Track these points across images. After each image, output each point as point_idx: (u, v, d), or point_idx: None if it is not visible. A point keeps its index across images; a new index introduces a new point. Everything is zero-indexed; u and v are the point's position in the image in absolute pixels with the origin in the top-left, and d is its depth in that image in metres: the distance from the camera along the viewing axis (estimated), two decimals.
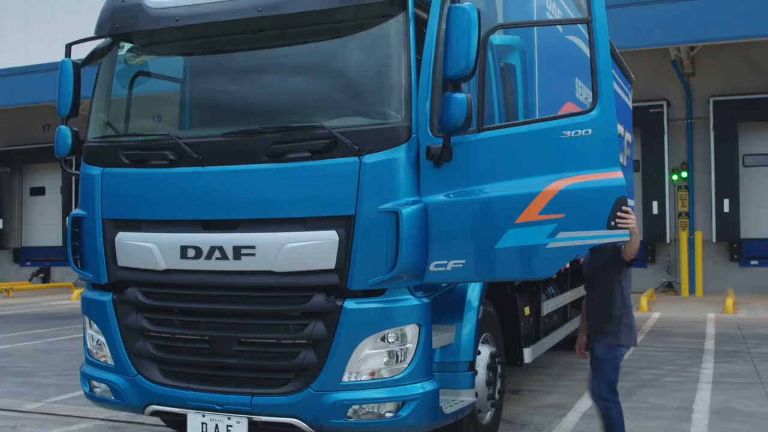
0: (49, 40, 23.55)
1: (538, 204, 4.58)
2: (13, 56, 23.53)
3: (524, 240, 4.59)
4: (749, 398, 7.28)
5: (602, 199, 4.55)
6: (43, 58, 22.27)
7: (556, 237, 4.58)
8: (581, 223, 4.59)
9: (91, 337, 5.42)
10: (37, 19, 24.54)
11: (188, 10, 5.02)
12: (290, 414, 4.69)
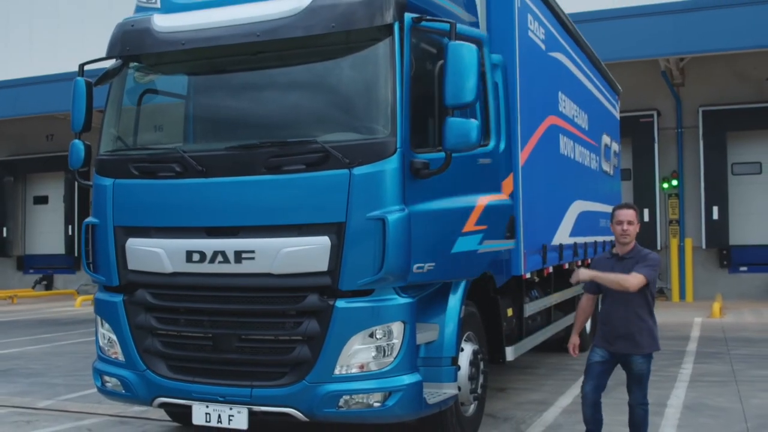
0: (52, 52, 24.10)
1: (474, 216, 5.62)
2: (18, 67, 24.01)
3: (467, 246, 5.54)
4: (722, 395, 7.71)
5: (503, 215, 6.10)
6: (47, 70, 22.75)
7: (483, 244, 5.70)
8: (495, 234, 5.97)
9: (102, 336, 5.88)
10: (42, 30, 25.03)
11: (193, 34, 5.49)
12: (287, 404, 5.14)
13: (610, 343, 5.49)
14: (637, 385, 5.57)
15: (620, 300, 5.40)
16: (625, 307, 5.40)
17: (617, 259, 5.54)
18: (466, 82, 4.97)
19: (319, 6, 5.16)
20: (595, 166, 11.00)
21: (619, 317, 5.42)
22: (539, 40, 7.89)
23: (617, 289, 5.31)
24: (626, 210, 5.57)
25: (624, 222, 5.47)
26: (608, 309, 5.54)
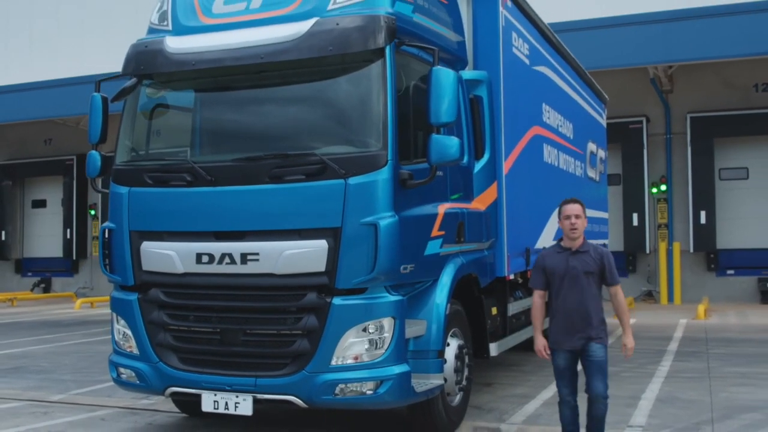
0: (52, 57, 24.69)
1: (438, 222, 6.20)
2: (18, 73, 24.57)
3: (433, 249, 6.13)
4: (694, 389, 8.32)
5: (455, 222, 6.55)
6: (46, 75, 23.33)
7: (443, 248, 6.27)
8: (449, 238, 6.45)
9: (118, 331, 6.47)
10: (41, 36, 25.61)
11: (202, 55, 6.10)
12: (288, 392, 5.75)
13: (568, 340, 5.60)
14: (598, 374, 5.59)
15: (576, 293, 5.57)
16: (580, 300, 5.57)
17: (570, 253, 5.67)
18: (446, 104, 5.59)
19: (318, 31, 5.78)
20: (580, 173, 11.62)
21: (576, 311, 5.56)
22: (523, 56, 8.51)
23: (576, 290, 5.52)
24: (573, 204, 5.75)
25: (572, 216, 5.65)
26: (563, 303, 5.64)
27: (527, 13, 8.80)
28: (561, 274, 5.65)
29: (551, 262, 5.75)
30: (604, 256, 5.73)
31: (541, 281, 5.81)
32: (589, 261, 5.65)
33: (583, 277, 5.59)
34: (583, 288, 5.59)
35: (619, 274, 17.26)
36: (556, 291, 5.71)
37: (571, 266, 5.63)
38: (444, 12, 7.00)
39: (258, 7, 6.17)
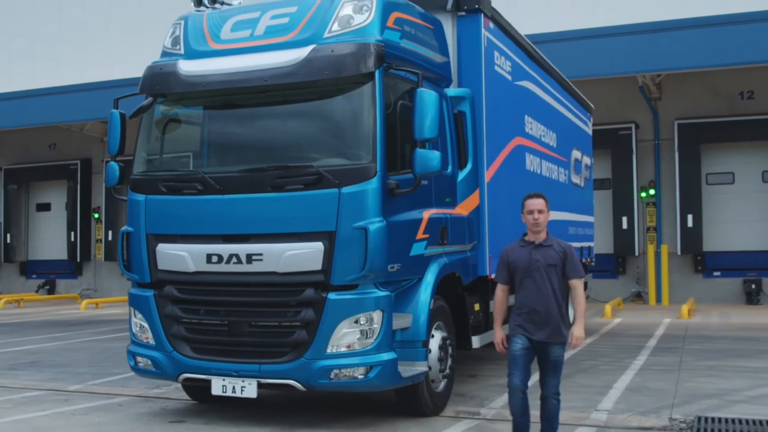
0: (56, 64, 25.51)
1: (423, 226, 6.97)
2: (21, 80, 25.39)
3: (418, 250, 6.88)
4: (663, 380, 9.11)
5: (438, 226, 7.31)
6: (49, 82, 24.12)
7: (427, 249, 7.03)
8: (434, 241, 7.21)
9: (135, 324, 7.28)
10: (44, 42, 26.42)
11: (212, 78, 6.92)
12: (288, 377, 6.55)
13: (531, 332, 5.77)
14: (553, 373, 5.81)
15: (543, 289, 5.77)
16: (547, 296, 5.76)
17: (534, 246, 5.88)
18: (429, 122, 6.40)
19: (315, 57, 6.59)
20: (564, 179, 12.42)
21: (542, 306, 5.75)
22: (505, 73, 9.32)
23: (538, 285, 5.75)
24: (536, 199, 5.95)
25: (535, 211, 5.87)
26: (528, 297, 5.80)
27: (509, 33, 9.60)
28: (524, 267, 5.83)
29: (515, 256, 5.95)
30: (566, 249, 5.93)
31: (504, 275, 6.01)
32: (552, 254, 5.84)
33: (546, 270, 5.77)
34: (545, 281, 5.77)
35: (609, 275, 18.27)
36: (519, 284, 5.89)
37: (534, 259, 5.83)
38: (430, 36, 7.81)
39: (262, 34, 6.99)
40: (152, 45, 23.20)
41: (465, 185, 8.09)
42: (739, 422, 6.86)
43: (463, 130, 8.11)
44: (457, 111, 8.09)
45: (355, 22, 6.75)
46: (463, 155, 8.11)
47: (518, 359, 5.79)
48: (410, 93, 6.73)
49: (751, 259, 19.78)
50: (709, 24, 17.73)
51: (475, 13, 8.40)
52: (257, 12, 7.16)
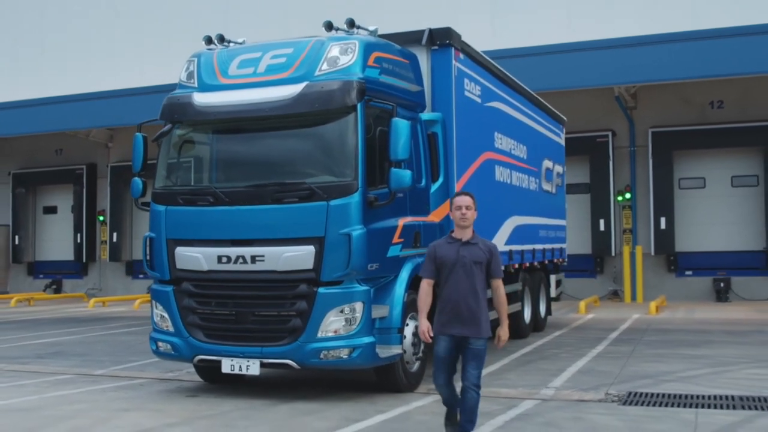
0: (62, 73, 26.91)
1: (398, 232, 8.34)
2: (27, 88, 26.75)
3: (394, 252, 8.22)
4: (611, 365, 10.53)
5: (412, 231, 8.65)
6: (55, 91, 25.51)
7: (402, 251, 8.35)
8: (408, 244, 8.51)
9: (156, 314, 8.71)
10: (51, 52, 27.82)
11: (221, 108, 8.37)
12: (286, 357, 7.99)
13: (453, 328, 6.05)
14: (474, 362, 6.03)
15: (467, 284, 6.05)
16: (469, 293, 6.06)
17: (461, 244, 6.15)
18: (401, 146, 7.83)
19: (307, 92, 8.04)
20: (535, 187, 13.87)
21: (465, 301, 6.05)
22: (475, 96, 10.76)
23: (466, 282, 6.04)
24: (463, 197, 6.27)
25: (462, 207, 6.18)
26: (453, 292, 6.07)
27: (480, 61, 11.05)
28: (451, 263, 6.10)
29: (442, 252, 6.20)
30: (492, 249, 6.29)
31: (430, 270, 6.26)
32: (479, 252, 6.15)
33: (472, 267, 6.07)
34: (470, 277, 6.07)
35: (588, 275, 20.02)
36: (445, 279, 6.14)
37: (461, 255, 6.11)
38: (406, 69, 9.26)
39: (263, 71, 8.44)
40: (154, 55, 24.82)
41: (437, 196, 9.51)
42: (661, 396, 8.29)
43: (435, 149, 9.54)
44: (431, 132, 9.51)
45: (341, 62, 8.20)
46: (435, 170, 9.53)
47: (443, 360, 6.12)
48: (387, 120, 8.16)
49: (720, 259, 21.27)
50: (681, 39, 19.21)
51: (447, 47, 9.84)
52: (259, 52, 8.61)
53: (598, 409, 7.73)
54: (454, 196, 6.47)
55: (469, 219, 6.20)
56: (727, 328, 14.71)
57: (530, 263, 13.42)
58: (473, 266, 6.11)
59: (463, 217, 6.18)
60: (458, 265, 6.11)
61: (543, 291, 14.75)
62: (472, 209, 6.24)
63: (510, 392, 8.58)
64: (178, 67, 9.12)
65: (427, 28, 9.88)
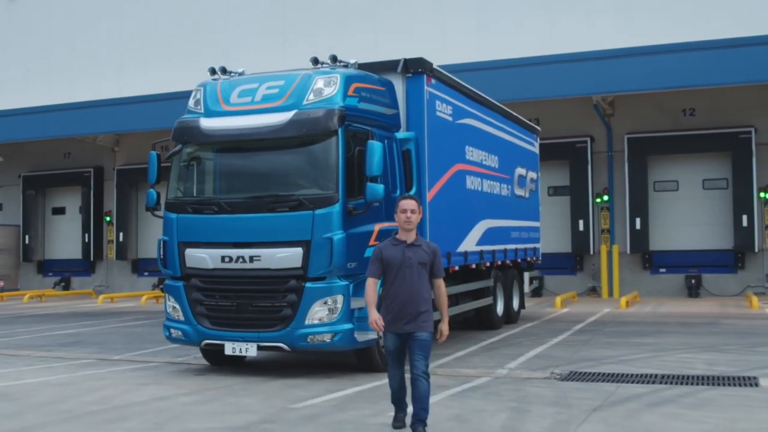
0: (70, 82, 28.57)
1: (374, 235, 9.84)
2: (37, 95, 28.42)
3: (371, 253, 9.47)
4: (565, 350, 12.17)
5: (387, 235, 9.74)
6: (65, 98, 27.21)
7: None
8: None
9: (169, 306, 10.39)
10: (59, 62, 29.49)
11: (224, 131, 10.03)
12: (279, 341, 9.66)
13: (399, 325, 6.53)
14: (420, 352, 6.48)
15: (410, 285, 6.51)
16: (412, 290, 6.53)
17: (407, 245, 6.60)
18: (376, 164, 9.47)
19: (296, 119, 9.69)
20: (507, 193, 15.52)
21: (408, 296, 6.50)
22: (447, 115, 12.39)
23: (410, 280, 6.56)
24: (408, 200, 6.72)
25: (407, 210, 6.64)
26: (397, 292, 6.54)
27: (452, 84, 12.68)
28: (397, 264, 6.55)
29: (388, 254, 6.64)
30: (435, 250, 6.78)
31: (377, 270, 6.74)
32: (423, 253, 6.61)
33: (417, 267, 6.55)
34: (415, 277, 6.54)
35: (568, 272, 22.08)
36: (391, 279, 6.60)
37: (407, 257, 6.56)
38: (383, 95, 10.91)
39: (259, 100, 10.09)
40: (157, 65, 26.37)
41: None
42: (596, 374, 9.92)
43: (409, 163, 11.18)
44: (405, 149, 11.15)
45: (325, 93, 9.86)
46: (409, 182, 11.17)
47: (393, 353, 6.70)
48: (365, 141, 9.80)
49: (692, 258, 22.94)
50: (655, 52, 20.85)
51: (419, 75, 11.47)
52: (256, 83, 10.27)
53: (539, 383, 9.38)
54: (398, 200, 6.88)
55: (413, 222, 6.68)
56: (684, 321, 16.34)
57: (502, 262, 15.07)
58: (418, 267, 6.60)
59: (408, 221, 6.65)
60: (404, 266, 6.58)
61: (516, 287, 16.41)
62: (417, 212, 6.73)
63: (469, 372, 10.24)
64: (180, 77, 10.89)
65: (402, 58, 11.51)
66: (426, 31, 24.30)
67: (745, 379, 9.37)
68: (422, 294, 6.64)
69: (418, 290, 6.61)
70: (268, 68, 21.03)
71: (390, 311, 6.64)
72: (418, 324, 6.57)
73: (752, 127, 22.30)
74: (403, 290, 6.60)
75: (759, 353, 11.57)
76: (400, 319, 6.59)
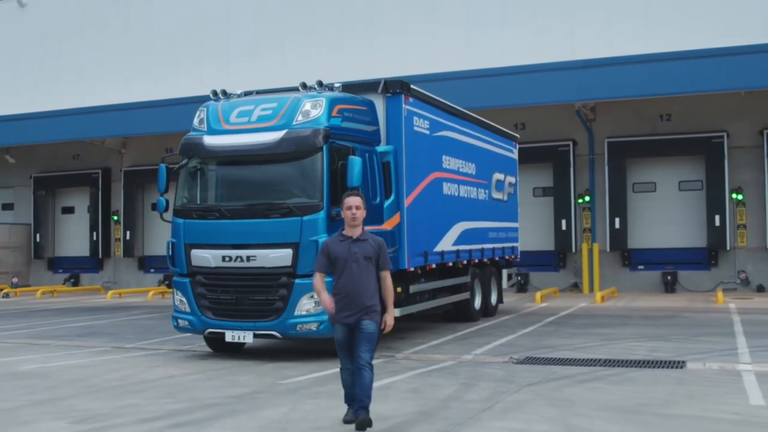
0: (79, 87, 30.21)
1: None
2: (47, 100, 30.08)
3: None
4: (529, 340, 13.77)
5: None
6: (73, 103, 28.82)
7: None
8: None
9: (176, 299, 12.05)
10: (69, 67, 31.14)
11: (225, 148, 11.68)
12: (272, 330, 11.32)
13: (349, 319, 6.92)
14: (365, 344, 6.83)
15: (357, 279, 6.87)
16: (358, 284, 6.88)
17: (352, 241, 6.90)
18: (356, 176, 11.07)
19: (287, 137, 11.33)
20: (484, 197, 17.14)
21: (358, 291, 6.85)
22: (424, 129, 14.01)
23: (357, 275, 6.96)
24: (354, 197, 7.01)
25: (353, 207, 6.95)
26: (347, 284, 6.89)
27: (430, 101, 14.30)
28: (344, 258, 6.92)
29: (335, 249, 7.00)
30: (380, 244, 7.12)
31: (323, 265, 7.15)
32: (368, 248, 6.94)
33: (363, 261, 6.91)
34: (361, 270, 6.88)
35: (552, 269, 24.19)
36: (339, 273, 6.97)
37: (352, 252, 6.91)
38: (364, 114, 12.54)
39: (255, 120, 11.72)
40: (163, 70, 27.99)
41: (390, 210, 12.79)
42: (548, 359, 11.53)
43: (389, 173, 12.81)
44: (385, 161, 12.78)
45: (312, 115, 11.49)
46: (389, 190, 12.80)
47: (343, 344, 7.09)
48: (346, 156, 11.40)
49: (668, 255, 24.56)
50: (633, 62, 22.38)
51: (398, 95, 13.09)
52: (252, 105, 11.91)
53: (495, 366, 11.00)
54: (344, 197, 7.25)
55: (358, 218, 7.01)
56: (648, 314, 17.95)
57: (479, 260, 16.69)
58: (364, 261, 6.97)
59: (354, 217, 7.01)
60: (351, 260, 6.95)
61: (494, 283, 18.03)
62: (362, 209, 7.07)
63: (438, 357, 11.87)
64: (183, 83, 12.49)
65: (383, 79, 13.15)
66: (418, 41, 25.84)
67: (674, 362, 10.98)
68: (368, 288, 7.02)
69: (364, 284, 6.99)
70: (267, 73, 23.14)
71: (338, 304, 7.05)
72: (363, 316, 6.96)
73: (725, 132, 23.86)
74: (350, 284, 6.98)
75: (700, 342, 13.17)
76: (347, 311, 6.98)
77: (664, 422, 7.34)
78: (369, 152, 12.24)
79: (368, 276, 7.05)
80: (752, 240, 23.96)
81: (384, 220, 12.66)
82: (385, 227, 12.64)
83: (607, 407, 7.99)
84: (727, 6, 23.36)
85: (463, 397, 8.67)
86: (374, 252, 7.08)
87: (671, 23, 23.69)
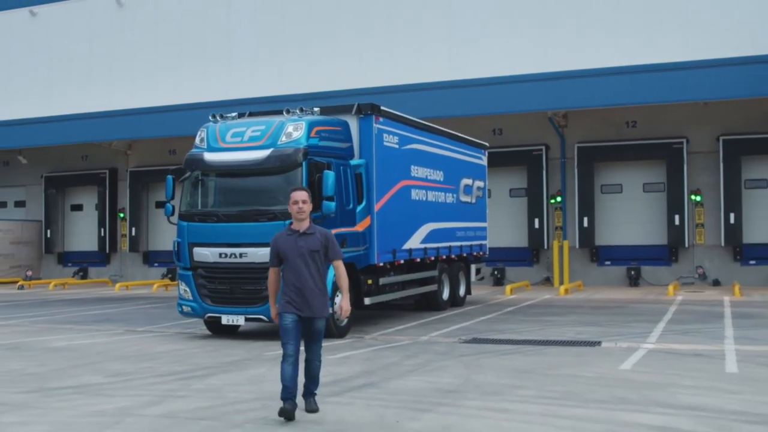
0: (86, 91, 32.86)
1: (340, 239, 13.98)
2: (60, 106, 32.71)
3: None
4: (483, 325, 16.39)
5: (341, 238, 14.20)
6: (82, 108, 31.47)
7: None
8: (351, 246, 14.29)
9: (181, 289, 14.76)
10: (78, 73, 33.78)
11: (222, 163, 14.38)
12: (260, 314, 13.99)
13: (300, 309, 7.15)
14: (316, 340, 7.31)
15: (304, 272, 7.07)
16: (308, 278, 7.15)
17: (299, 235, 7.05)
18: (329, 187, 13.72)
19: (273, 155, 14.00)
20: (452, 201, 19.79)
21: (306, 285, 7.09)
22: (393, 144, 16.67)
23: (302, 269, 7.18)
24: (299, 192, 7.25)
25: (299, 201, 7.16)
26: (294, 278, 7.05)
27: (399, 119, 16.95)
28: (290, 253, 7.13)
29: (283, 244, 7.17)
30: (328, 236, 7.37)
31: (275, 260, 7.34)
32: (314, 241, 7.13)
33: (310, 255, 7.11)
34: (308, 264, 7.08)
35: (525, 264, 27.55)
36: (287, 267, 7.16)
37: (299, 246, 7.10)
38: (339, 133, 15.21)
39: (247, 140, 14.40)
40: (167, 77, 30.58)
41: (362, 214, 15.45)
42: (490, 339, 14.18)
43: (361, 183, 15.47)
44: (357, 172, 15.44)
45: (293, 136, 14.16)
46: (361, 197, 15.47)
47: (290, 331, 7.21)
48: (322, 170, 14.05)
49: (633, 252, 27.22)
50: (602, 74, 24.89)
51: (369, 116, 15.74)
52: (244, 127, 14.59)
53: (443, 345, 13.62)
54: (290, 191, 7.54)
55: (305, 212, 7.25)
56: (600, 305, 20.55)
57: (447, 256, 19.34)
58: (311, 254, 7.22)
59: (300, 211, 7.25)
60: (297, 254, 7.16)
61: (462, 276, 20.69)
62: (308, 203, 7.32)
63: (399, 338, 14.53)
64: (186, 88, 15.06)
65: (356, 103, 15.81)
66: (404, 54, 28.42)
67: (592, 342, 13.60)
68: (315, 281, 7.31)
69: (310, 278, 7.26)
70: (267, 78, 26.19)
71: (286, 294, 7.33)
72: (312, 311, 7.32)
73: (685, 138, 26.49)
74: (297, 278, 7.24)
75: (627, 326, 15.78)
76: (295, 302, 7.28)
77: (540, 377, 9.99)
78: (343, 165, 14.91)
79: (315, 270, 7.36)
80: (709, 238, 26.59)
81: (356, 223, 15.32)
82: (358, 229, 15.31)
83: (506, 369, 10.66)
84: (689, 22, 25.82)
85: (402, 363, 11.35)
86: (321, 245, 7.33)
87: (637, 39, 26.12)
